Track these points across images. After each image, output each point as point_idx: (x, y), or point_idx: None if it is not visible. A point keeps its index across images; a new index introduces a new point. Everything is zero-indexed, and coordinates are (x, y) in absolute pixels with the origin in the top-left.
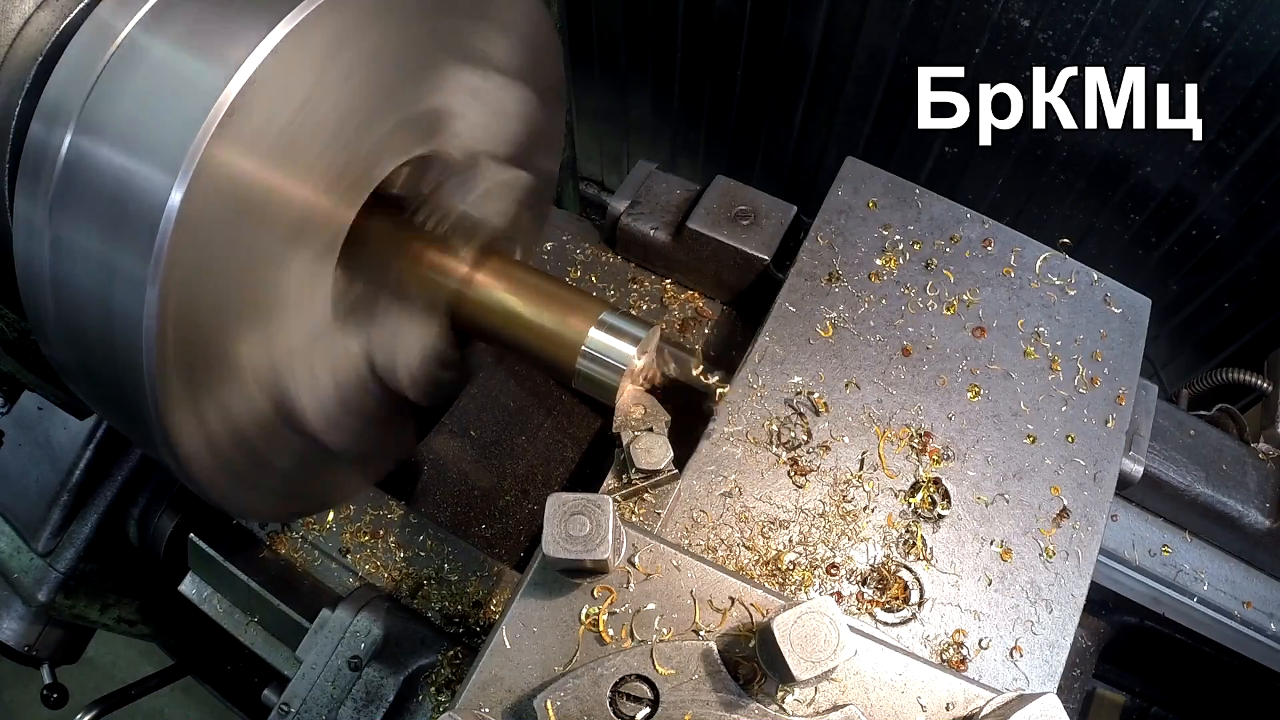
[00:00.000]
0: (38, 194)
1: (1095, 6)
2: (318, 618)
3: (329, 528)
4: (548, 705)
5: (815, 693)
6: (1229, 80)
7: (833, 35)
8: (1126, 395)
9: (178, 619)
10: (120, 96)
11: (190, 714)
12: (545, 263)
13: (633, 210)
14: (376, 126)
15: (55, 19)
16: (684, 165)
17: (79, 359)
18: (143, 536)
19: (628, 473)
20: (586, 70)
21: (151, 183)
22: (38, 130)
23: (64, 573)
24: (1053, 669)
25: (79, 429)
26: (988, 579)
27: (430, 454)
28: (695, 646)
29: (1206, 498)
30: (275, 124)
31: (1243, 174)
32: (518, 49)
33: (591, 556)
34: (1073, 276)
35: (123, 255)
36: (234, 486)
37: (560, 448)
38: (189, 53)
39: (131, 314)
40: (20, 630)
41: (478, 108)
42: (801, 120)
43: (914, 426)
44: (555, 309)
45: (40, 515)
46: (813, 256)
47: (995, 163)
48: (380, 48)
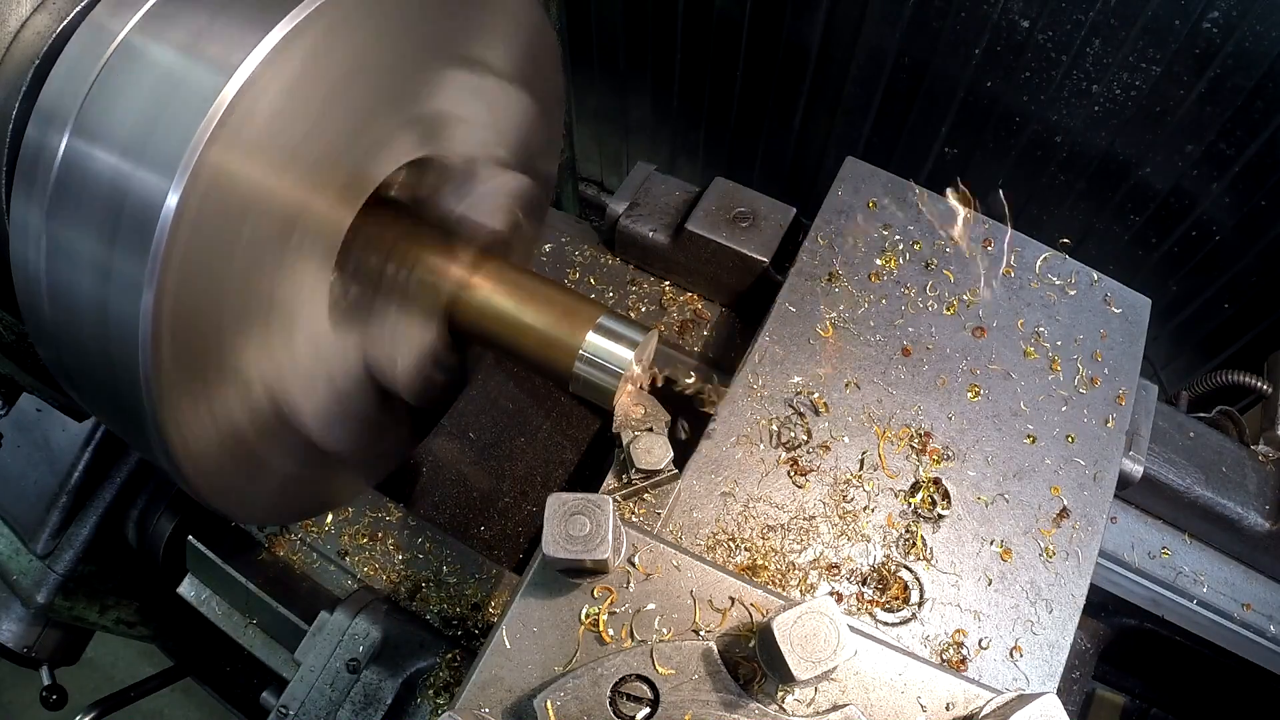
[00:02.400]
0: (34, 197)
1: (1095, 7)
2: (316, 620)
3: (328, 530)
4: (548, 705)
5: (815, 693)
6: (1229, 81)
7: (832, 36)
8: (1126, 395)
9: (177, 620)
10: (116, 99)
11: (189, 715)
12: (544, 264)
13: (631, 212)
14: (374, 130)
15: (52, 22)
16: (684, 166)
17: (75, 362)
18: (141, 538)
19: (628, 473)
20: (586, 71)
21: (148, 186)
22: (34, 133)
23: (63, 574)
24: (1053, 669)
25: (78, 431)
26: (988, 579)
27: (429, 456)
28: (695, 646)
29: (1206, 500)
30: (272, 127)
31: (1243, 175)
32: (516, 52)
33: (591, 556)
34: (1073, 276)
35: (119, 258)
36: (231, 490)
37: (559, 449)
38: (185, 56)
39: (127, 317)
40: (19, 632)
41: (475, 111)
42: (801, 121)
43: (914, 426)
44: (552, 313)
45: (39, 517)
46: (813, 256)
47: (995, 163)
48: (377, 51)
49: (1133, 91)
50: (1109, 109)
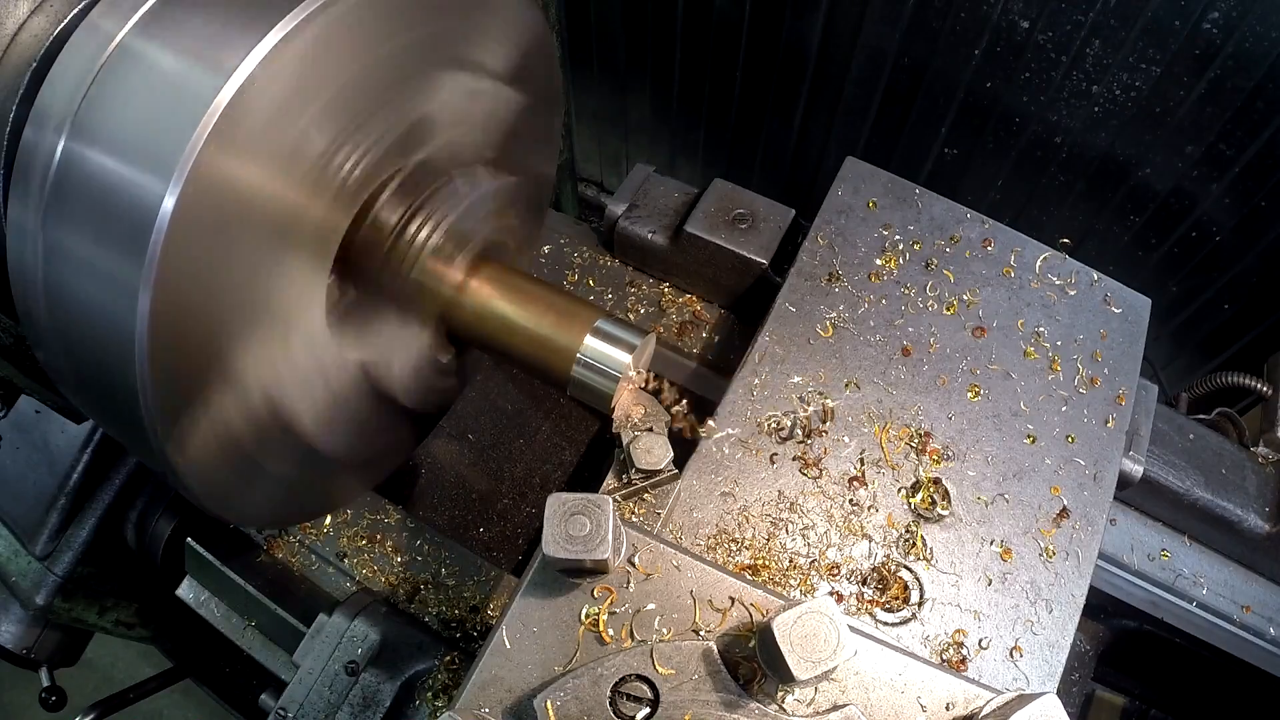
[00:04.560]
0: (31, 199)
1: (1095, 8)
2: (315, 622)
3: (326, 532)
4: (548, 705)
5: (815, 693)
6: (1229, 82)
7: (832, 36)
8: (1126, 395)
9: (176, 622)
10: (113, 102)
11: (189, 717)
12: (543, 266)
13: (630, 214)
14: (370, 133)
15: (49, 24)
16: (683, 166)
17: (72, 365)
18: (140, 540)
19: (628, 473)
20: (586, 71)
21: (144, 188)
22: (31, 135)
23: (62, 576)
24: (1053, 669)
25: (76, 432)
26: (988, 579)
27: (428, 457)
28: (695, 646)
29: (1206, 502)
30: (268, 130)
31: (1243, 176)
32: (513, 55)
33: (591, 556)
34: (1073, 276)
35: (115, 261)
36: (229, 493)
37: (558, 451)
38: (182, 58)
39: (124, 320)
40: (18, 633)
41: (472, 114)
42: (801, 121)
43: (914, 426)
44: (550, 316)
45: (38, 519)
46: (813, 256)
47: (995, 163)
48: (374, 54)
49: (1132, 92)
50: (1109, 109)
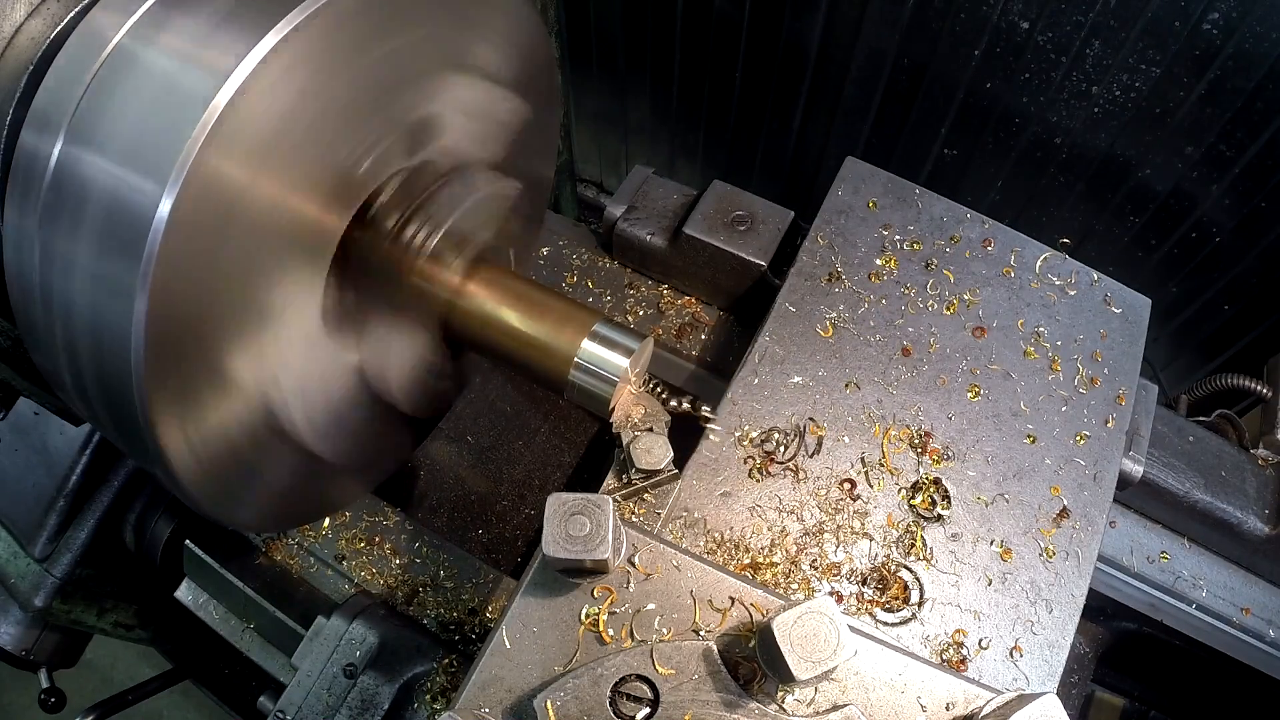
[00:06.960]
0: (28, 202)
1: (1095, 8)
2: (313, 625)
3: (325, 534)
4: (548, 705)
5: (815, 693)
6: (1229, 82)
7: (832, 36)
8: (1126, 395)
9: (175, 623)
10: (111, 105)
11: (188, 718)
12: (541, 268)
13: (629, 215)
14: (367, 136)
15: (46, 27)
16: (683, 167)
17: (70, 368)
18: (139, 542)
19: (628, 473)
20: (585, 72)
21: (141, 192)
22: (28, 139)
23: (60, 578)
24: (1053, 669)
25: (75, 434)
26: (988, 579)
27: (427, 459)
28: (695, 646)
29: (1205, 504)
30: (265, 133)
31: (1243, 176)
32: (511, 57)
33: (591, 556)
34: (1073, 277)
35: (112, 264)
36: (226, 497)
37: (557, 452)
38: (180, 61)
39: (120, 323)
40: (17, 635)
41: (470, 116)
42: (801, 122)
43: (914, 426)
44: (547, 320)
45: (37, 520)
46: (813, 256)
47: (995, 164)
48: (371, 56)
49: (1132, 93)
50: (1109, 110)
